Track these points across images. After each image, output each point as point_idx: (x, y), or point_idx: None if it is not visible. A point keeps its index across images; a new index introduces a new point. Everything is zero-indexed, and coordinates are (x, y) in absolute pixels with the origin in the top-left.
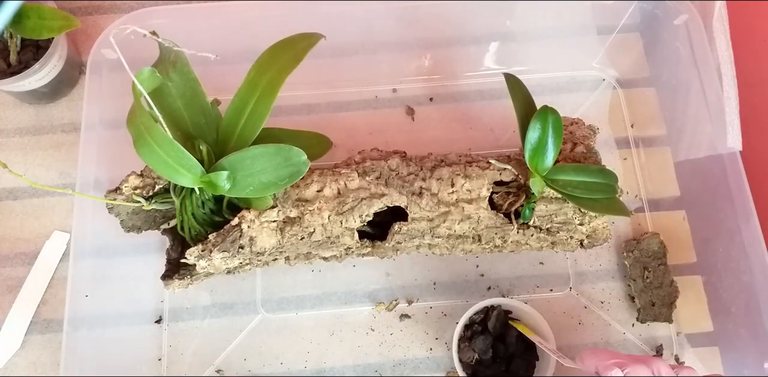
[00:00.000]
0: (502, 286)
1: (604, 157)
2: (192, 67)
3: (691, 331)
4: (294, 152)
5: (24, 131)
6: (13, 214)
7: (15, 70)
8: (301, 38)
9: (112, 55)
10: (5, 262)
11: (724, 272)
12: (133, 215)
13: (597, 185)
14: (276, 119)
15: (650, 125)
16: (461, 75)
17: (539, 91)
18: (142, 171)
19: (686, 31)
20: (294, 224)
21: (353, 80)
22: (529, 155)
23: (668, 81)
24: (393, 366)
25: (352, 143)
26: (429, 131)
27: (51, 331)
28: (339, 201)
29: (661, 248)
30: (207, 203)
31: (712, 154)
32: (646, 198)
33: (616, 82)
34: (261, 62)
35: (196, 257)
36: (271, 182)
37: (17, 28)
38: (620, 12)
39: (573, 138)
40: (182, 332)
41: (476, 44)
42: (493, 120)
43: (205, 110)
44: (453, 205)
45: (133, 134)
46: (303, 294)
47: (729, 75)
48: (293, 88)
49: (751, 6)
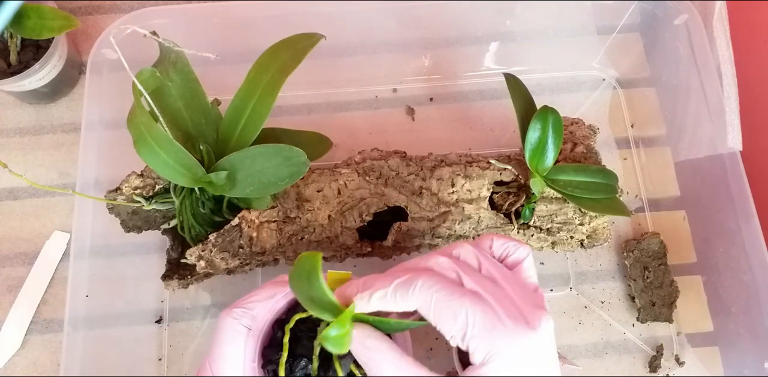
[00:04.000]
0: None
1: (604, 157)
2: (192, 67)
3: (691, 331)
4: (294, 152)
5: (24, 131)
6: (13, 214)
7: (15, 70)
8: (301, 38)
9: (112, 55)
10: (5, 262)
11: (724, 272)
12: (133, 215)
13: (597, 185)
14: (276, 119)
15: (650, 125)
16: (461, 75)
17: (539, 92)
18: (142, 171)
19: (686, 31)
20: (294, 224)
21: (353, 80)
22: (529, 155)
23: (668, 81)
24: None
25: (352, 143)
26: (429, 131)
27: (51, 331)
28: (339, 201)
29: (662, 248)
30: (207, 203)
31: (712, 154)
32: (646, 198)
33: (616, 82)
34: (261, 62)
35: (196, 257)
36: (271, 182)
37: (17, 28)
38: (620, 12)
39: (573, 138)
40: (182, 332)
41: (476, 44)
42: (493, 120)
43: (205, 110)
44: (453, 205)
45: (133, 134)
46: None
47: (729, 75)
48: (293, 88)
49: (751, 6)
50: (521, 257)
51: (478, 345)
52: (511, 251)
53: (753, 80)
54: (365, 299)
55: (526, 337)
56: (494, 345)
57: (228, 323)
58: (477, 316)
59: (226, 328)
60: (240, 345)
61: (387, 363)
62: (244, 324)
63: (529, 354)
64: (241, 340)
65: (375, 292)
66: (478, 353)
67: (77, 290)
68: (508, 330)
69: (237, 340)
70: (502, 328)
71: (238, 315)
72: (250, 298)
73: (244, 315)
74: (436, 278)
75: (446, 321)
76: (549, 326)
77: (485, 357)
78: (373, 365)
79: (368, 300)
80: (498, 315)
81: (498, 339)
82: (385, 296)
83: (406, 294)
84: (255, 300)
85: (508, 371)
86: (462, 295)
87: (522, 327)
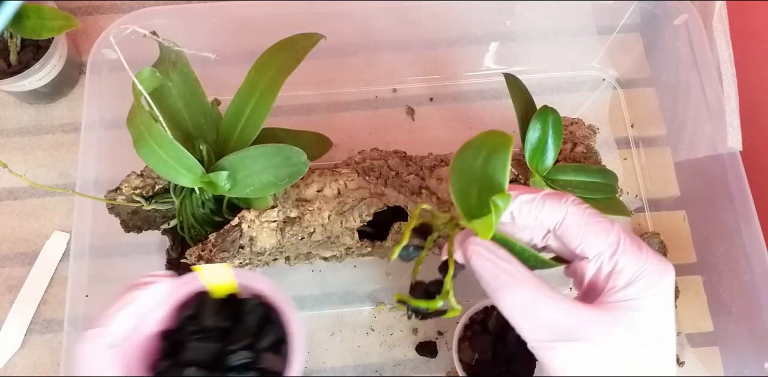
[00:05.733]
0: None
1: (604, 157)
2: (192, 67)
3: (691, 331)
4: (294, 152)
5: (24, 131)
6: (13, 214)
7: (15, 70)
8: (301, 38)
9: (112, 55)
10: (5, 262)
11: (724, 272)
12: (133, 215)
13: (597, 185)
14: (276, 119)
15: (650, 125)
16: (461, 75)
17: (539, 92)
18: (142, 171)
19: (686, 31)
20: (294, 224)
21: (353, 80)
22: (529, 155)
23: (668, 81)
24: (393, 366)
25: (352, 143)
26: (429, 131)
27: (51, 331)
28: (339, 201)
29: (661, 248)
30: (207, 203)
31: (712, 154)
32: (646, 198)
33: (616, 82)
34: (261, 62)
35: (196, 257)
36: (271, 182)
37: (17, 28)
38: (620, 12)
39: (573, 138)
40: None
41: (476, 44)
42: (493, 120)
43: (205, 110)
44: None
45: (133, 134)
46: (303, 294)
47: (729, 75)
48: (293, 88)
49: (751, 6)
50: None
51: (628, 263)
52: None
53: (753, 80)
54: (510, 197)
55: (668, 272)
56: (643, 264)
57: (82, 351)
58: (627, 236)
59: (83, 357)
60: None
61: (525, 273)
62: (103, 345)
63: (667, 285)
64: (104, 364)
65: (522, 194)
66: (626, 271)
67: (77, 290)
68: (654, 256)
69: (99, 367)
70: (648, 253)
71: (92, 336)
72: (103, 314)
73: (100, 335)
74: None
75: (598, 235)
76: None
77: (632, 276)
78: (504, 274)
79: (513, 199)
80: (643, 247)
81: (647, 261)
82: (533, 201)
83: (556, 204)
84: (108, 314)
85: (652, 293)
86: (612, 222)
87: (665, 262)
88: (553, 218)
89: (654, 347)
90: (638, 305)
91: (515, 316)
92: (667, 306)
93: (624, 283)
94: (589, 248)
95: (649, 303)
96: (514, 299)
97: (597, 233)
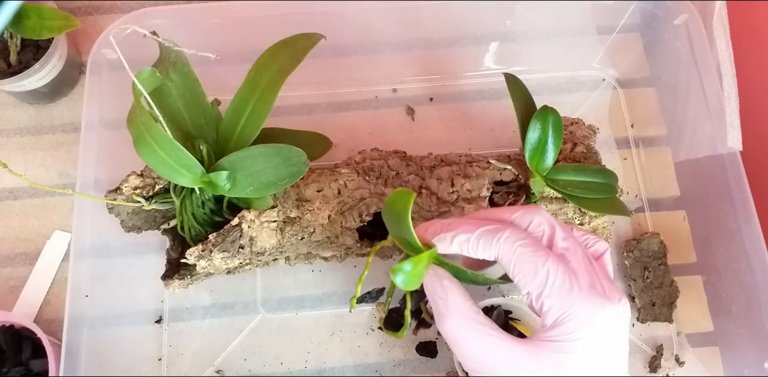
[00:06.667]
0: (502, 286)
1: (604, 157)
2: (192, 67)
3: (691, 331)
4: (294, 152)
5: (24, 131)
6: (13, 214)
7: (15, 70)
8: (301, 38)
9: (112, 55)
10: (6, 262)
11: (724, 272)
12: (133, 215)
13: (597, 185)
14: (276, 119)
15: (650, 125)
16: (461, 75)
17: (539, 91)
18: (142, 171)
19: (686, 31)
20: (294, 224)
21: (353, 80)
22: (529, 155)
23: (668, 81)
24: (393, 366)
25: (352, 143)
26: (429, 131)
27: (51, 331)
28: (339, 201)
29: (661, 248)
30: (207, 203)
31: (712, 154)
32: (646, 198)
33: (616, 82)
34: (261, 62)
35: (196, 257)
36: (271, 182)
37: (17, 28)
38: (620, 12)
39: (573, 138)
40: (182, 332)
41: (476, 44)
42: (493, 120)
43: (205, 110)
44: (453, 204)
45: (133, 134)
46: (303, 294)
47: (729, 75)
48: (293, 88)
49: (751, 6)
50: (601, 250)
51: (554, 305)
52: (591, 243)
53: (753, 80)
54: (447, 240)
55: (603, 308)
56: (570, 307)
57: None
58: (558, 276)
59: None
60: None
61: (458, 306)
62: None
63: (601, 326)
64: None
65: (458, 235)
66: (552, 313)
67: (77, 290)
68: (585, 297)
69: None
70: (580, 293)
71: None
72: None
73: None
74: (523, 234)
75: (526, 275)
76: (626, 308)
77: (558, 318)
78: (441, 304)
79: (450, 242)
80: (578, 281)
81: (575, 303)
82: (468, 241)
83: (489, 243)
84: None
85: (578, 336)
86: (546, 254)
87: (601, 297)
88: (488, 255)
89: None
90: (565, 347)
91: (450, 343)
92: (601, 348)
93: (551, 323)
94: (521, 284)
95: (576, 347)
96: (447, 327)
97: (525, 273)
